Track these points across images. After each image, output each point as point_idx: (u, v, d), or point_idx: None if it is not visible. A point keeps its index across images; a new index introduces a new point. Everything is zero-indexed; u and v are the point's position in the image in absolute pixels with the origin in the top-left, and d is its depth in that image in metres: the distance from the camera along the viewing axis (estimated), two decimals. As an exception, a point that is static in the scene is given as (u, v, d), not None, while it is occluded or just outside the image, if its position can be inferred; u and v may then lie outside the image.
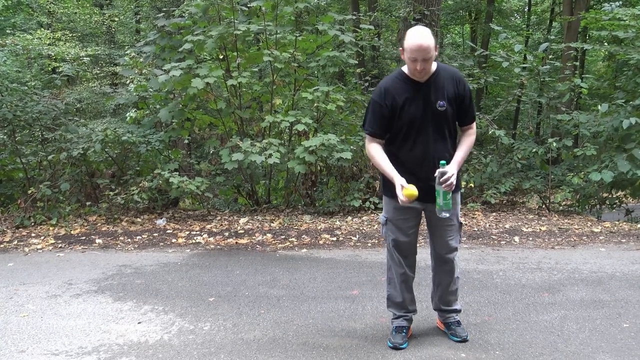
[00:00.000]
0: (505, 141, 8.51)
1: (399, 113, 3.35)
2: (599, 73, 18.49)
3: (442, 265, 3.69)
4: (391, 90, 3.36)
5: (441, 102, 3.36)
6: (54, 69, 16.31)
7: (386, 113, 3.37)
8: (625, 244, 6.54)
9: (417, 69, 3.24)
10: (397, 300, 3.69)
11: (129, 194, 7.94)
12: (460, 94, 3.42)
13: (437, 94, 3.36)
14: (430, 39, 3.18)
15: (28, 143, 9.35)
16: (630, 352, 3.45)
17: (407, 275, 3.65)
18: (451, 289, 3.75)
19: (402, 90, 3.35)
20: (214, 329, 3.96)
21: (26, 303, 4.59)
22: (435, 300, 3.82)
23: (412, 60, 3.21)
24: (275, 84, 8.43)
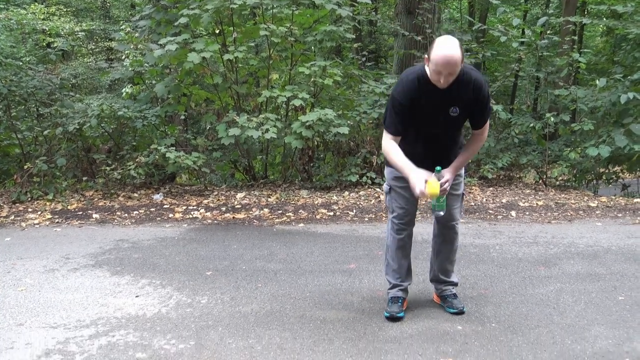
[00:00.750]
0: (503, 116, 8.49)
1: (413, 112, 3.31)
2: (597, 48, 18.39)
3: (445, 233, 3.70)
4: (412, 89, 3.26)
5: (455, 108, 3.30)
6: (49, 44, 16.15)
7: (406, 111, 3.30)
8: (622, 218, 6.56)
9: (441, 82, 3.13)
10: (394, 268, 3.71)
11: (125, 169, 7.92)
12: (477, 100, 3.31)
13: (453, 100, 3.27)
14: (458, 53, 3.04)
15: (23, 118, 9.31)
16: (625, 324, 3.47)
17: (405, 242, 3.65)
18: (451, 258, 3.78)
19: (421, 91, 3.25)
20: (211, 302, 3.97)
21: (24, 277, 4.59)
22: (434, 269, 3.83)
23: (437, 72, 3.09)
24: (271, 59, 8.37)
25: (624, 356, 3.04)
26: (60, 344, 3.31)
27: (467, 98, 3.27)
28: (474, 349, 3.15)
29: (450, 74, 3.09)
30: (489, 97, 3.39)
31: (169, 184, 8.99)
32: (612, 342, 3.23)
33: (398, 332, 3.41)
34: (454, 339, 3.28)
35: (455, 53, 3.03)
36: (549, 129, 8.58)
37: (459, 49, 3.04)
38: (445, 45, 3.05)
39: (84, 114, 8.21)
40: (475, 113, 3.38)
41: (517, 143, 8.91)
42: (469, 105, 3.32)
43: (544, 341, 3.25)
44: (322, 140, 8.76)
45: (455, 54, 3.03)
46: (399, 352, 3.12)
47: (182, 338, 3.36)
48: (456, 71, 3.09)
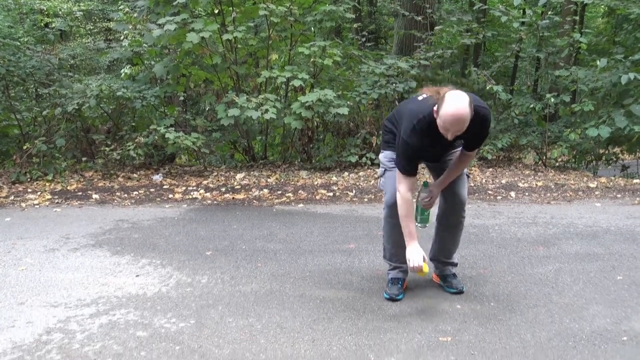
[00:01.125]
0: (503, 97, 8.47)
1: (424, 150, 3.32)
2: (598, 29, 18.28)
3: (452, 215, 3.66)
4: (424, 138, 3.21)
5: (460, 141, 3.32)
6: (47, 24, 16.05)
7: (418, 155, 3.31)
8: (621, 199, 6.57)
9: (448, 137, 3.09)
10: (392, 251, 3.70)
11: (124, 150, 7.91)
12: (481, 132, 3.31)
13: (459, 138, 3.26)
14: (467, 113, 2.96)
15: (22, 99, 9.28)
16: (623, 304, 3.49)
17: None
18: (456, 240, 3.77)
19: (431, 136, 3.20)
20: (211, 281, 3.99)
21: (24, 257, 4.60)
22: (436, 249, 3.82)
23: (445, 129, 3.05)
24: (271, 39, 8.33)
25: (621, 335, 3.06)
26: (61, 322, 3.32)
27: (473, 132, 3.23)
28: (473, 328, 3.17)
29: (458, 131, 3.05)
30: (489, 125, 3.39)
31: (168, 165, 8.99)
32: (610, 321, 3.24)
33: (397, 310, 3.43)
34: (453, 318, 3.30)
35: (464, 114, 2.96)
36: (549, 110, 8.56)
37: (468, 108, 2.97)
38: (454, 104, 2.96)
39: (83, 94, 8.18)
40: (475, 141, 3.38)
41: (517, 124, 8.89)
42: (472, 136, 3.30)
43: (542, 320, 3.26)
44: (322, 120, 8.74)
45: (464, 114, 2.96)
46: (397, 331, 3.14)
47: (183, 317, 3.38)
48: (464, 128, 3.03)
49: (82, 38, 17.65)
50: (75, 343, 3.05)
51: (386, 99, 8.55)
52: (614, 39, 12.50)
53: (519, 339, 3.03)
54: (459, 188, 3.57)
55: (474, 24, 9.63)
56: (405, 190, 3.32)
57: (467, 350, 2.91)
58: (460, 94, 3.01)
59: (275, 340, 3.06)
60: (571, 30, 9.66)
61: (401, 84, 8.32)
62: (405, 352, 2.90)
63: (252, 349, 2.96)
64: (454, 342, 3.00)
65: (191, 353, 2.92)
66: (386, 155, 3.59)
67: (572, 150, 8.75)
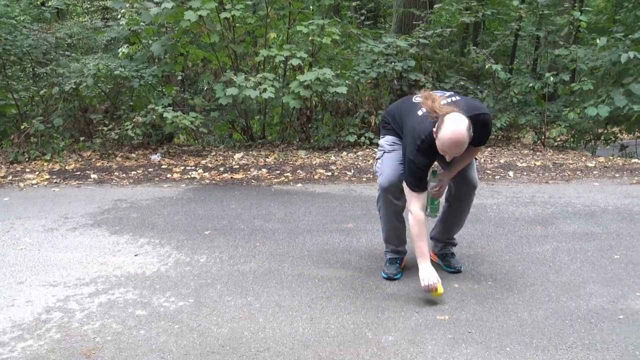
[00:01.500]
0: (502, 76, 8.44)
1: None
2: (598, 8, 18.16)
3: (464, 198, 3.63)
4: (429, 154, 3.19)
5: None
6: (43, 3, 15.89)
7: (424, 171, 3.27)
8: (619, 178, 6.58)
9: (447, 158, 3.12)
10: (390, 233, 3.70)
11: (122, 129, 7.89)
12: (483, 133, 3.29)
13: None
14: (465, 136, 2.96)
15: (19, 78, 9.23)
16: (620, 282, 3.51)
17: (398, 206, 3.61)
18: (462, 222, 3.77)
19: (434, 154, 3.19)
20: (210, 261, 4.00)
21: (23, 236, 4.61)
22: (439, 229, 3.82)
23: (443, 151, 3.06)
24: (269, 17, 8.27)
25: (618, 313, 3.08)
26: (60, 301, 3.34)
27: (476, 137, 3.21)
28: (470, 307, 3.18)
29: (457, 153, 3.07)
30: (491, 129, 3.38)
31: (166, 144, 8.97)
32: (606, 299, 3.26)
33: (395, 289, 3.45)
34: (451, 297, 3.32)
35: (461, 138, 2.96)
36: (548, 89, 8.53)
37: (466, 132, 2.96)
38: (452, 129, 2.96)
39: (80, 73, 8.13)
40: (479, 140, 3.34)
41: (516, 103, 8.87)
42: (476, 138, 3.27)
43: (540, 299, 3.28)
44: (320, 100, 8.71)
45: (462, 138, 2.96)
46: (395, 309, 3.16)
47: (182, 296, 3.39)
48: (462, 150, 3.05)
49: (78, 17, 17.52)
50: (75, 322, 3.06)
51: (385, 78, 8.52)
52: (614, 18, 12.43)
53: (516, 317, 3.05)
54: (470, 172, 3.55)
55: (473, 2, 9.55)
56: (417, 209, 3.28)
57: (465, 328, 2.93)
58: (459, 118, 2.99)
59: (274, 319, 3.08)
60: (571, 9, 9.61)
61: (400, 63, 8.28)
62: (402, 330, 2.92)
63: (250, 327, 2.97)
64: (452, 321, 3.02)
65: (190, 331, 2.93)
66: (387, 140, 3.56)
67: (571, 129, 8.74)
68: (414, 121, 3.26)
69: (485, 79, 9.64)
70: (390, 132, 3.56)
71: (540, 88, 8.50)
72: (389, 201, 3.50)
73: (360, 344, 2.79)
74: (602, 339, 2.81)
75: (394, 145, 3.50)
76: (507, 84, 9.04)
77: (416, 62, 8.51)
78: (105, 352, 2.73)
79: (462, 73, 9.26)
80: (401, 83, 8.54)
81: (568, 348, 2.72)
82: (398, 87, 8.56)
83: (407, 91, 8.57)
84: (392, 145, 3.51)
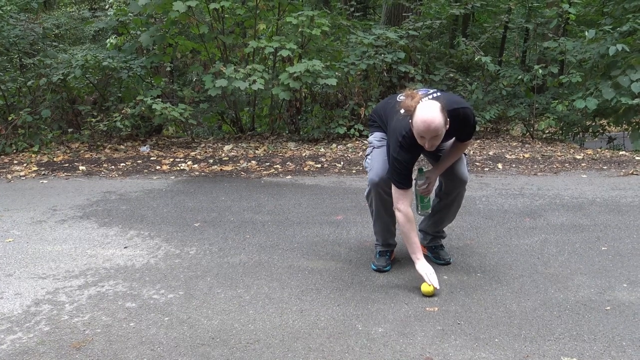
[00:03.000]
0: (491, 68, 8.46)
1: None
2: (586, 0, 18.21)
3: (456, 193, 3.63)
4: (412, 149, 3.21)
5: (445, 144, 3.37)
6: (30, -8, 15.76)
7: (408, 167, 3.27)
8: (607, 170, 6.62)
9: (426, 146, 3.10)
10: (381, 226, 3.71)
11: (111, 121, 7.85)
12: (465, 128, 3.31)
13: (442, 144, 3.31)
14: (438, 118, 2.97)
15: (6, 69, 9.15)
16: (607, 274, 3.54)
17: (388, 201, 3.62)
18: (453, 216, 3.78)
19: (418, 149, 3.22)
20: (199, 253, 4.00)
21: (11, 229, 4.59)
22: (429, 222, 3.82)
23: (421, 137, 3.06)
24: (259, 8, 8.24)
25: (605, 304, 3.10)
26: (49, 294, 3.33)
27: (457, 131, 3.28)
28: (460, 298, 3.20)
29: (434, 137, 3.04)
30: (475, 121, 3.38)
31: (155, 136, 8.94)
32: (594, 290, 3.29)
33: (385, 281, 3.46)
34: (440, 289, 3.33)
35: (434, 119, 2.96)
36: (537, 81, 8.56)
37: (439, 113, 2.97)
38: (424, 112, 2.98)
39: (68, 64, 8.08)
40: (462, 135, 3.37)
41: (505, 95, 8.90)
42: (458, 134, 3.33)
43: (528, 290, 3.30)
44: (310, 92, 8.70)
45: (435, 119, 2.96)
46: (385, 301, 3.17)
47: (171, 288, 3.39)
48: (439, 134, 3.04)
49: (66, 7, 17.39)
50: (64, 314, 3.05)
51: (375, 70, 8.52)
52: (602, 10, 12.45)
53: (505, 308, 3.07)
54: (460, 167, 3.55)
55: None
56: (405, 206, 3.30)
57: (454, 320, 2.95)
58: (430, 103, 3.02)
59: (264, 310, 3.08)
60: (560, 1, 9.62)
61: (390, 55, 8.29)
62: (392, 322, 2.93)
63: (240, 319, 2.98)
64: (441, 312, 3.03)
65: (180, 324, 2.93)
66: (376, 136, 3.59)
67: (560, 122, 8.78)
68: (396, 120, 3.28)
69: (474, 71, 9.67)
70: (378, 129, 3.59)
71: (529, 80, 8.53)
72: (379, 195, 3.51)
73: (350, 335, 2.80)
74: (589, 329, 2.83)
75: (383, 141, 3.51)
76: (496, 76, 9.06)
77: (406, 54, 8.51)
78: (95, 345, 2.73)
79: (452, 65, 9.27)
80: (391, 75, 8.55)
81: (556, 339, 2.74)
82: (388, 78, 8.56)
83: (397, 83, 8.59)
84: (381, 141, 3.52)
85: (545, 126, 8.60)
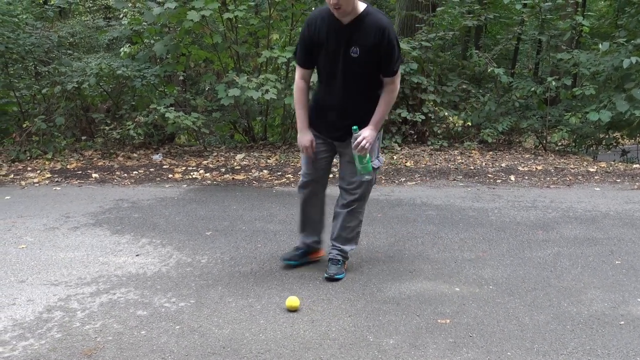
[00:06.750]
0: (504, 79, 8.45)
1: (317, 49, 3.30)
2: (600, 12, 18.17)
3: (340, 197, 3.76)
4: (316, 22, 3.24)
5: (355, 48, 3.21)
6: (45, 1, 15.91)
7: (308, 44, 3.31)
8: (620, 183, 6.58)
9: (331, 3, 3.07)
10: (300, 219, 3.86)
11: (124, 129, 7.89)
12: (381, 44, 3.20)
13: (353, 40, 3.20)
14: None
15: (21, 77, 9.22)
16: (621, 288, 3.51)
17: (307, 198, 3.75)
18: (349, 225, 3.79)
19: (323, 26, 3.23)
20: (211, 261, 4.00)
21: (24, 235, 4.61)
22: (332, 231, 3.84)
23: (328, 3, 3.06)
24: (272, 18, 8.27)
25: (619, 319, 3.08)
26: (61, 300, 3.34)
27: (370, 41, 3.20)
28: (471, 311, 3.18)
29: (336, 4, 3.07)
30: (396, 43, 3.27)
31: (168, 145, 8.97)
32: (607, 305, 3.26)
33: (396, 292, 3.45)
34: (452, 301, 3.32)
35: None
36: (550, 94, 8.53)
37: None
38: None
39: (83, 72, 8.13)
40: (381, 59, 3.27)
41: (518, 107, 8.87)
42: (372, 49, 3.22)
43: (541, 303, 3.28)
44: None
45: None
46: (397, 313, 3.16)
47: (183, 296, 3.39)
48: (343, 3, 3.06)
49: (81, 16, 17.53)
50: (76, 321, 3.06)
51: (387, 81, 8.50)
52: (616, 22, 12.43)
53: (517, 322, 3.05)
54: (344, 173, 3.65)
55: (476, 5, 9.56)
56: (298, 77, 3.45)
57: (466, 332, 2.93)
58: None
59: (275, 320, 3.08)
60: (574, 13, 9.61)
61: (402, 66, 8.29)
62: (404, 333, 2.92)
63: (251, 329, 2.97)
64: (453, 325, 3.02)
65: (191, 332, 2.93)
66: None
67: (573, 134, 8.74)
68: None
69: (487, 83, 9.65)
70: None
71: (542, 92, 8.50)
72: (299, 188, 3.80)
73: (361, 346, 2.79)
74: (603, 344, 2.80)
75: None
76: (509, 88, 9.04)
77: (418, 65, 8.51)
78: (106, 352, 2.73)
79: (464, 76, 9.26)
80: (403, 85, 8.54)
81: (569, 353, 2.72)
82: (400, 90, 8.54)
83: (409, 94, 8.58)
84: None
85: (558, 138, 8.56)
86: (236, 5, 7.78)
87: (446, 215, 5.16)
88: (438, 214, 5.20)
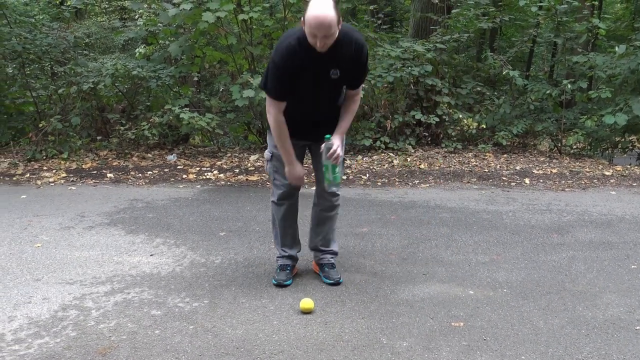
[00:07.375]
0: (519, 82, 8.40)
1: (295, 78, 3.17)
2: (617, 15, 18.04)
3: (322, 200, 3.68)
4: (293, 55, 3.10)
5: (335, 70, 3.17)
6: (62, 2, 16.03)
7: (290, 75, 3.15)
8: (636, 187, 6.52)
9: (318, 45, 2.97)
10: (280, 237, 3.72)
11: (139, 129, 7.94)
12: (358, 62, 3.20)
13: (333, 63, 3.15)
14: (332, 14, 2.87)
15: (38, 77, 9.31)
16: (637, 293, 3.48)
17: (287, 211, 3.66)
18: (333, 226, 3.77)
19: (302, 55, 3.09)
20: (225, 262, 4.01)
21: (40, 234, 4.65)
22: (310, 235, 3.82)
23: (312, 35, 2.94)
24: (287, 20, 8.28)
25: (634, 324, 3.05)
26: (76, 299, 3.36)
27: (348, 60, 3.16)
28: (485, 314, 3.17)
29: (326, 36, 2.93)
30: (367, 58, 3.28)
31: (182, 145, 9.01)
32: (623, 309, 3.24)
33: (410, 295, 3.44)
34: (466, 304, 3.30)
35: (328, 13, 2.86)
36: (565, 96, 8.48)
37: (332, 9, 2.88)
38: (317, 6, 2.88)
39: (98, 73, 8.20)
40: (353, 73, 3.25)
41: (533, 110, 8.83)
42: (349, 67, 3.20)
43: (555, 307, 3.26)
44: (336, 103, 8.70)
45: (328, 14, 2.86)
46: (410, 315, 3.15)
47: (196, 296, 3.41)
48: (332, 33, 2.93)
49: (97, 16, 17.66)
50: (91, 320, 3.08)
51: (401, 83, 8.51)
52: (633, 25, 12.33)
53: (532, 325, 3.03)
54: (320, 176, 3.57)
55: (491, 7, 9.53)
56: (277, 112, 3.22)
57: (480, 336, 2.92)
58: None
59: (288, 321, 3.08)
60: (590, 16, 9.55)
61: (417, 68, 8.28)
62: (417, 336, 2.91)
63: (265, 329, 2.98)
64: (466, 328, 3.00)
65: (205, 332, 2.94)
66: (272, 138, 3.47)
67: (588, 137, 8.68)
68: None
69: (501, 85, 9.60)
70: None
71: (557, 95, 8.45)
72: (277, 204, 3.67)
73: (374, 349, 2.78)
74: (618, 349, 2.78)
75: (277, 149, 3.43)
76: (524, 91, 9.00)
77: (433, 67, 8.50)
78: (121, 351, 2.75)
79: (479, 79, 9.23)
80: (417, 88, 8.53)
81: (584, 358, 2.70)
82: (414, 91, 8.54)
83: (424, 96, 8.57)
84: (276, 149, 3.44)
85: (574, 141, 8.51)
86: (251, 7, 7.80)
87: (460, 218, 5.14)
88: (452, 217, 5.19)
